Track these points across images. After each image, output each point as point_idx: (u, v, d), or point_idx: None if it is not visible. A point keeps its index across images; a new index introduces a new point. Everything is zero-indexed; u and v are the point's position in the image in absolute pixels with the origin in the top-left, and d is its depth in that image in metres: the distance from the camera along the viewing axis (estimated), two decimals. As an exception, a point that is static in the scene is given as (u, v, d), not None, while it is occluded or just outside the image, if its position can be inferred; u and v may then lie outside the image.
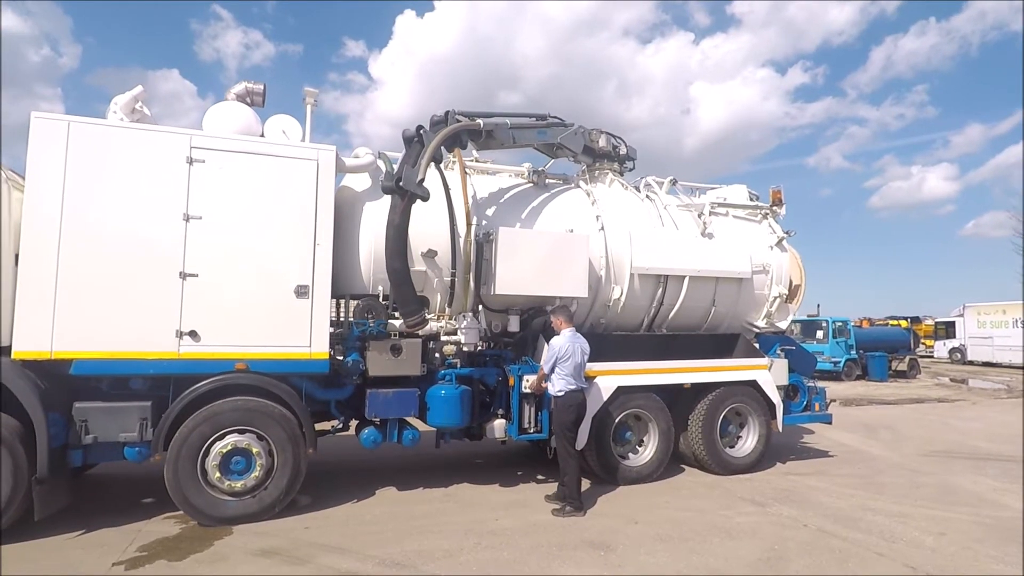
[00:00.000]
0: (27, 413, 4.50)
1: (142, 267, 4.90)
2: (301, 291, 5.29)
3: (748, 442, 7.12)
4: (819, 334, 21.10)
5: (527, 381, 6.00)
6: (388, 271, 5.47)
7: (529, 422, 6.12)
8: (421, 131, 5.69)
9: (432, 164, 6.23)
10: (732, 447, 7.11)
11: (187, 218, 5.02)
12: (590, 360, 6.12)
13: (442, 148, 5.86)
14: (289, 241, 5.31)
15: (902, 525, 5.22)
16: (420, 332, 5.87)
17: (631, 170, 8.04)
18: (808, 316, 23.01)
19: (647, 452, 6.61)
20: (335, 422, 6.05)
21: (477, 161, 6.92)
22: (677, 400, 6.97)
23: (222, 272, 5.10)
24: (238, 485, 5.04)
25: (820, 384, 8.12)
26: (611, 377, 6.36)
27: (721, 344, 7.58)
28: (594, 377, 6.25)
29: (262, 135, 5.74)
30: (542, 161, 7.43)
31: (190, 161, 5.08)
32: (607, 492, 6.15)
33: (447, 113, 5.95)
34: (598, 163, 7.64)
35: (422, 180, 5.41)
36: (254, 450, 5.09)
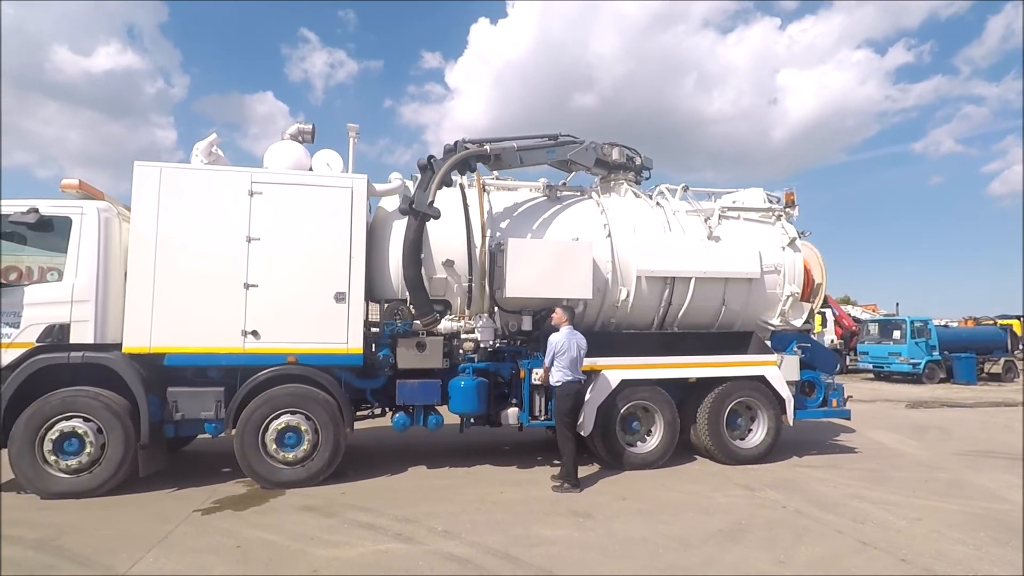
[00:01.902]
0: (133, 395, 5.85)
1: (216, 280, 6.15)
2: (339, 297, 6.36)
3: (757, 434, 7.46)
4: (896, 334, 20.18)
5: (536, 374, 6.74)
6: (404, 279, 6.46)
7: (539, 410, 6.87)
8: (431, 159, 6.63)
9: (458, 185, 7.21)
10: (742, 439, 7.48)
11: (249, 239, 6.22)
12: (600, 355, 6.86)
13: (456, 171, 6.78)
14: (329, 255, 6.39)
15: (883, 511, 5.48)
16: (442, 331, 6.80)
17: (647, 179, 8.59)
18: (885, 315, 21.96)
19: (653, 441, 7.15)
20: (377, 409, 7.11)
21: (497, 179, 7.76)
22: (690, 394, 7.47)
23: (277, 282, 6.25)
24: (290, 456, 6.17)
25: (838, 381, 8.26)
26: (616, 371, 6.97)
27: (736, 341, 7.95)
28: (600, 371, 6.91)
29: (310, 168, 6.90)
30: (561, 176, 8.20)
31: (251, 193, 6.28)
32: (611, 475, 6.76)
33: (456, 142, 6.86)
34: (613, 174, 8.26)
35: (432, 202, 6.35)
36: (303, 428, 6.20)
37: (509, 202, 7.51)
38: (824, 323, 23.60)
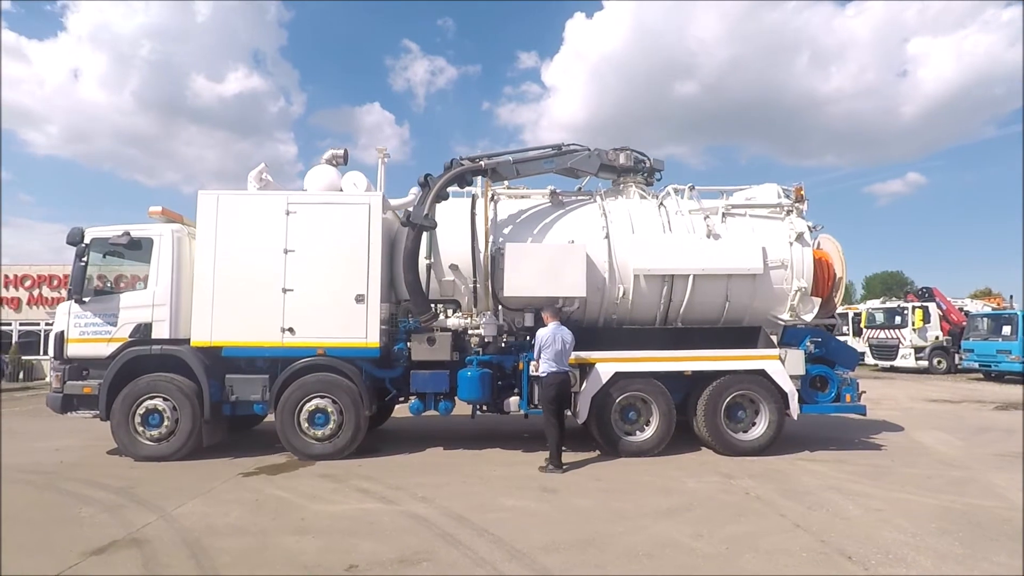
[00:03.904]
0: (198, 379, 7.26)
1: (260, 286, 7.41)
2: (359, 298, 7.41)
3: (759, 427, 7.58)
4: (1006, 329, 18.23)
5: (533, 366, 7.39)
6: (405, 282, 7.37)
7: (537, 399, 7.50)
8: (428, 177, 7.50)
9: (470, 195, 8.06)
10: (745, 431, 7.63)
11: (286, 251, 7.44)
12: (605, 349, 7.45)
13: (456, 185, 7.62)
14: (351, 263, 7.45)
15: (847, 501, 5.56)
16: (451, 327, 7.66)
17: (659, 180, 8.90)
18: (994, 309, 19.82)
19: (650, 430, 7.53)
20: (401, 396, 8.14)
21: (508, 188, 8.48)
22: (693, 387, 7.75)
23: (308, 287, 7.42)
24: (319, 433, 7.32)
25: (853, 376, 8.08)
26: (610, 364, 7.44)
27: (746, 335, 8.08)
28: (594, 363, 7.42)
29: (340, 189, 8.04)
30: (574, 183, 8.77)
31: (287, 213, 7.50)
32: (605, 460, 7.26)
33: (453, 160, 7.68)
34: (622, 178, 8.67)
35: (428, 215, 7.21)
36: (330, 410, 7.33)
37: (515, 209, 8.20)
38: (927, 318, 21.73)
